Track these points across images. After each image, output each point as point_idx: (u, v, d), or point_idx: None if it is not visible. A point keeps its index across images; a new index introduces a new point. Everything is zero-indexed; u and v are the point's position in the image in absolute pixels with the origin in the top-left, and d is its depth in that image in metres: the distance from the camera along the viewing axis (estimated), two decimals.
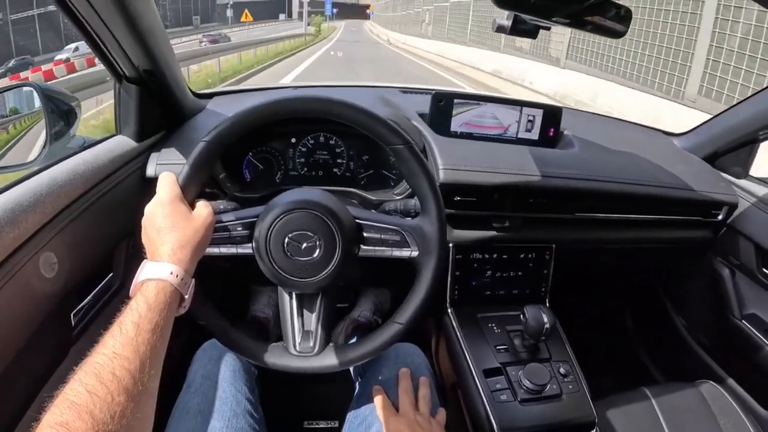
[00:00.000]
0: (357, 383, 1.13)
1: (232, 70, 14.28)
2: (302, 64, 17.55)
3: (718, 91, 6.47)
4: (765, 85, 1.52)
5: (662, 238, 1.39)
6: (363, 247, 0.85)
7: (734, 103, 1.44)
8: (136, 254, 1.17)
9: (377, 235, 0.85)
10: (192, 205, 0.79)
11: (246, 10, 29.61)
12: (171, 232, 0.73)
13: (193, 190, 0.81)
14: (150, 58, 1.07)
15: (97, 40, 0.99)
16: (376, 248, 0.85)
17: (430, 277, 0.85)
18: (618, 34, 0.83)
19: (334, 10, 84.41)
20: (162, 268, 0.69)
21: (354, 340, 1.22)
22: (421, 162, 0.83)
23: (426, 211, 0.85)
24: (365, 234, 0.85)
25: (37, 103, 1.10)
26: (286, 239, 0.81)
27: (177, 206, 0.76)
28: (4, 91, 1.14)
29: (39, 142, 1.12)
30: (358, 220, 0.85)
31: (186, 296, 0.71)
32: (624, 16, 0.81)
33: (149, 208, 0.77)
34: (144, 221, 0.77)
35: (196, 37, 33.12)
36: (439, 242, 0.85)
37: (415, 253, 0.85)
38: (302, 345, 0.87)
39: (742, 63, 6.12)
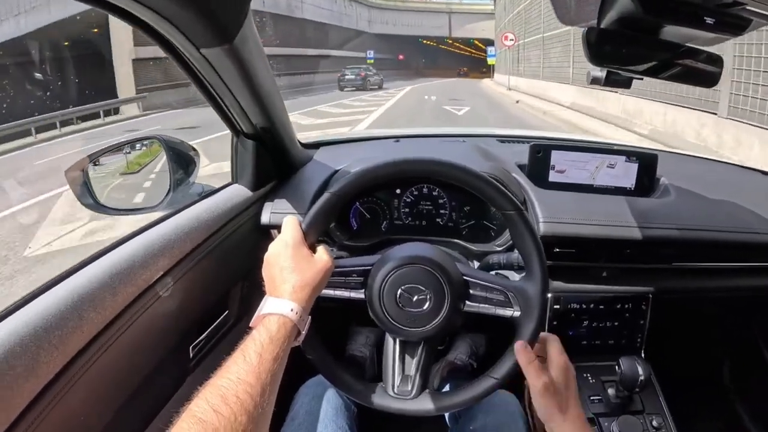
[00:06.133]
0: (452, 428, 1.15)
1: None
2: None
3: None
4: None
5: (763, 286, 1.33)
6: (468, 303, 0.89)
7: None
8: (251, 295, 1.26)
9: (483, 293, 0.89)
10: (312, 249, 0.85)
11: None
12: (293, 272, 0.78)
13: (314, 236, 0.86)
14: (267, 117, 1.16)
15: (219, 101, 1.10)
16: (481, 305, 0.89)
17: (527, 338, 0.87)
18: (711, 81, 0.83)
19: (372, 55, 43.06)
20: (283, 304, 0.74)
21: (448, 385, 1.24)
22: (530, 228, 0.86)
23: (530, 273, 0.88)
24: (471, 291, 0.89)
25: (163, 153, 1.21)
26: (399, 291, 0.86)
27: (299, 249, 0.82)
28: (134, 141, 1.26)
29: (140, 189, 1.23)
30: (465, 277, 0.89)
31: (303, 331, 0.77)
32: (715, 59, 0.82)
33: (273, 247, 0.83)
34: (268, 257, 0.83)
35: None
36: (540, 305, 0.87)
37: (517, 314, 0.87)
38: (400, 388, 0.91)
39: None
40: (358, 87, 28.46)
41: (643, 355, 1.29)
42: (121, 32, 19.56)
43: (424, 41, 66.85)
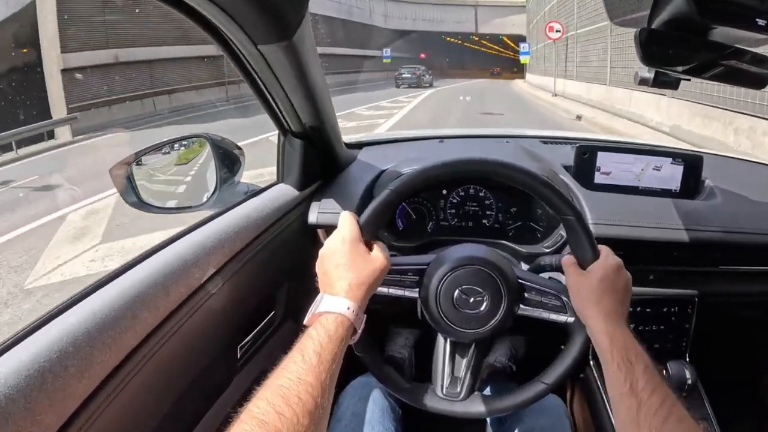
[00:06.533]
0: (496, 430, 1.14)
1: None
2: None
3: None
4: None
5: None
6: (523, 306, 0.89)
7: None
8: (296, 296, 1.27)
9: (538, 298, 0.89)
10: (368, 247, 0.82)
11: None
12: (349, 270, 0.77)
13: (370, 232, 0.84)
14: (317, 115, 1.16)
15: (270, 99, 1.10)
16: (535, 309, 0.89)
17: (580, 344, 0.87)
18: (760, 82, 0.82)
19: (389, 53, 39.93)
20: (340, 302, 0.73)
21: (488, 387, 1.24)
22: (589, 234, 0.85)
23: None
24: (526, 295, 0.89)
25: (204, 152, 1.23)
26: (456, 292, 0.86)
27: (356, 246, 0.80)
28: (181, 140, 1.27)
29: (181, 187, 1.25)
30: (521, 280, 0.89)
31: (359, 331, 0.75)
32: (760, 60, 0.80)
33: (330, 243, 0.82)
34: (323, 253, 0.81)
35: None
36: None
37: (571, 319, 0.87)
38: (449, 389, 0.91)
39: None
40: (412, 84, 31.32)
41: (687, 359, 1.27)
42: (48, 34, 14.67)
43: (448, 38, 58.09)
